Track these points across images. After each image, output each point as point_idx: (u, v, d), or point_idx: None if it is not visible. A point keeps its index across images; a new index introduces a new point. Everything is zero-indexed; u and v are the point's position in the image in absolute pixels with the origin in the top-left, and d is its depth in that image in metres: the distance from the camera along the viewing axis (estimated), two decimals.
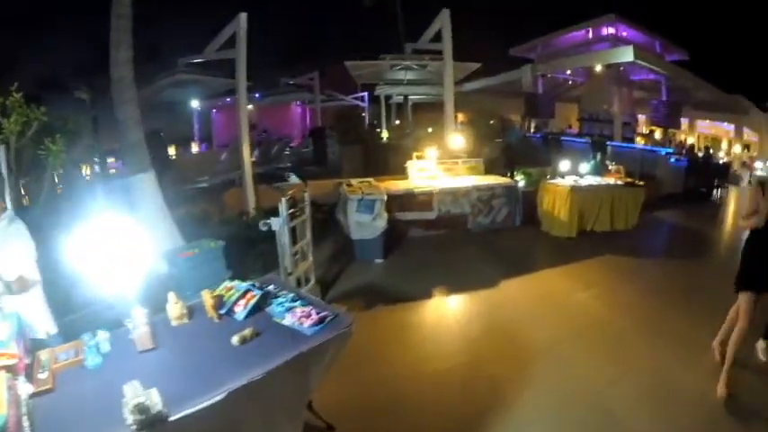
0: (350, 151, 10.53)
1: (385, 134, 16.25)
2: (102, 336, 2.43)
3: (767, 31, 22.49)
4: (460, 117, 19.13)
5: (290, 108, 30.36)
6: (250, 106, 29.03)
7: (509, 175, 9.56)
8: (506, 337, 4.49)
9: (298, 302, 2.94)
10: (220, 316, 2.85)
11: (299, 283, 4.94)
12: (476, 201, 7.45)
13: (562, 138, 17.35)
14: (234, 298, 2.99)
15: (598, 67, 18.45)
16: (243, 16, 8.25)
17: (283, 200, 4.44)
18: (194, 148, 31.52)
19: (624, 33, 19.80)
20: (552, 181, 7.92)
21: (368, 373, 3.85)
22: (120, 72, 5.62)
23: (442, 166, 8.42)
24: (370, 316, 4.97)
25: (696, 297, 5.30)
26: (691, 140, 20.95)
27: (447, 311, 5.20)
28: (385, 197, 6.59)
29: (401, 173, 8.80)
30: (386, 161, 11.74)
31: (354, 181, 7.56)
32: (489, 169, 8.84)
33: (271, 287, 3.20)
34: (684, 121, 21.31)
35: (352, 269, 6.39)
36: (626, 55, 14.38)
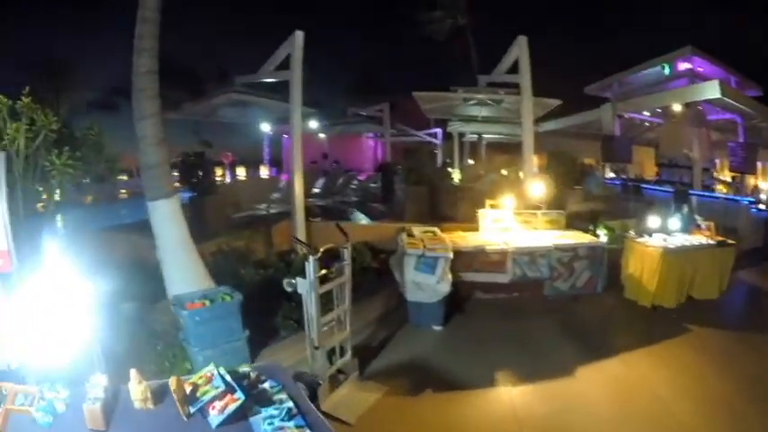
0: (415, 193, 9.65)
1: (456, 175, 15.24)
2: (61, 393, 2.21)
3: None
4: (536, 160, 17.92)
5: (361, 140, 30.31)
6: (323, 135, 29.48)
7: (591, 230, 8.27)
8: None
9: (291, 423, 2.09)
10: (189, 414, 2.15)
11: (331, 357, 4.09)
12: (556, 263, 6.27)
13: (642, 185, 15.60)
14: (209, 396, 2.21)
15: (676, 107, 16.56)
16: (299, 35, 7.60)
17: (311, 259, 3.58)
18: (264, 171, 32.20)
19: (701, 69, 17.74)
20: (640, 240, 6.60)
21: None
22: (141, 83, 4.95)
23: (518, 218, 7.35)
24: (411, 406, 4.00)
25: None
26: (763, 185, 18.32)
27: (507, 410, 4.04)
28: (451, 255, 5.57)
29: (471, 220, 7.80)
30: (455, 206, 10.74)
31: (417, 229, 6.62)
32: (569, 222, 7.68)
33: (267, 385, 2.38)
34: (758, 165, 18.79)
35: (403, 336, 5.42)
36: (711, 91, 12.56)
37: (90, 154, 5.17)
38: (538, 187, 8.15)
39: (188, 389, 2.26)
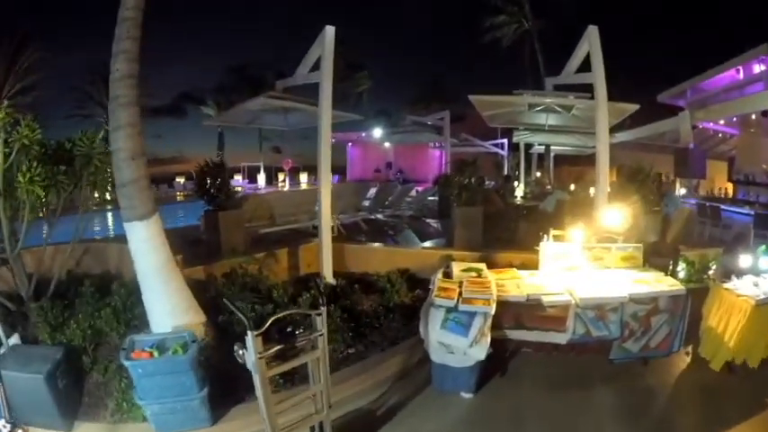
0: (467, 215, 8.29)
1: (520, 190, 13.57)
2: None
3: None
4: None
5: (427, 150, 29.27)
6: (387, 144, 28.62)
7: (670, 269, 6.66)
8: None
9: None
10: None
11: None
12: (629, 318, 4.78)
13: (721, 207, 13.29)
14: None
15: (753, 115, 14.12)
16: (330, 30, 6.65)
17: (251, 335, 2.56)
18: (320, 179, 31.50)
19: None
20: (728, 286, 5.04)
21: None
22: (114, 89, 4.44)
23: (588, 253, 5.88)
24: None
25: None
26: None
27: None
28: (492, 309, 4.31)
29: (533, 246, 6.26)
30: (515, 229, 9.33)
31: (458, 266, 5.43)
32: (645, 256, 6.15)
33: None
34: None
35: (421, 404, 4.30)
36: None
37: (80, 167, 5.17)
38: (615, 214, 6.63)
39: None
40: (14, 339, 4.18)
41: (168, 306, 4.55)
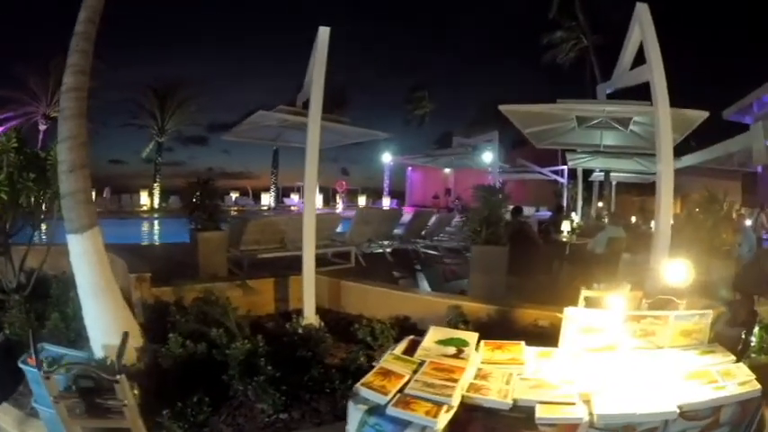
0: (486, 256, 6.73)
1: (567, 225, 11.24)
2: None
3: None
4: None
5: (486, 176, 27.72)
6: (447, 170, 27.33)
7: (742, 338, 4.71)
8: None
9: None
10: None
11: None
12: None
13: None
14: None
15: None
16: (323, 31, 5.91)
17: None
18: (385, 202, 31.32)
19: None
20: None
21: None
22: (62, 102, 4.57)
23: (634, 326, 3.91)
24: None
25: None
26: None
27: None
28: (438, 424, 2.61)
29: (568, 302, 4.60)
30: (552, 274, 7.62)
31: (434, 334, 3.76)
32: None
33: None
34: None
35: None
36: None
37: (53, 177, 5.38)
38: (678, 269, 4.67)
39: None
40: None
41: (101, 324, 4.45)
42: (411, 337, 3.75)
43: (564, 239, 10.46)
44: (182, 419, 3.61)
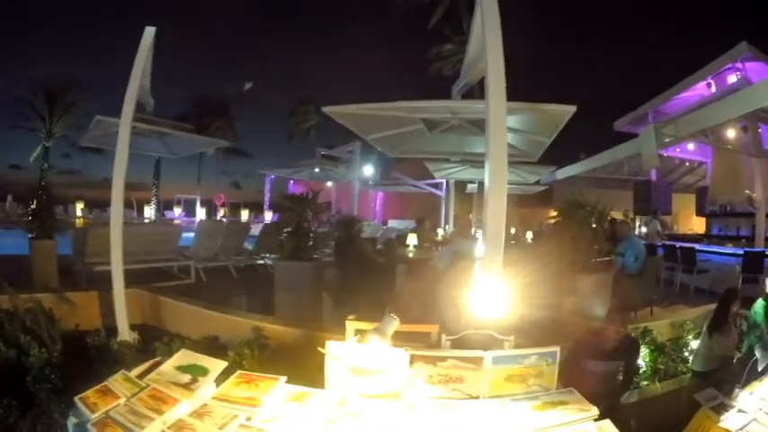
0: (287, 271, 5.86)
1: (413, 238, 10.12)
2: None
3: None
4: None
5: (365, 191, 26.74)
6: (329, 183, 25.99)
7: (621, 376, 3.75)
8: None
9: None
10: None
11: None
12: None
13: (695, 247, 10.61)
14: None
15: (730, 133, 12.28)
16: (149, 31, 5.42)
17: None
18: (267, 216, 29.68)
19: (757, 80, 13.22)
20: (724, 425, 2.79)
21: None
22: None
23: (428, 367, 2.76)
24: None
25: None
26: None
27: None
28: None
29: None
30: (393, 298, 6.58)
31: (179, 359, 2.95)
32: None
33: None
34: None
35: None
36: None
37: None
38: (495, 294, 3.21)
39: None
40: None
41: None
42: (158, 358, 3.31)
43: (410, 254, 9.30)
44: None
